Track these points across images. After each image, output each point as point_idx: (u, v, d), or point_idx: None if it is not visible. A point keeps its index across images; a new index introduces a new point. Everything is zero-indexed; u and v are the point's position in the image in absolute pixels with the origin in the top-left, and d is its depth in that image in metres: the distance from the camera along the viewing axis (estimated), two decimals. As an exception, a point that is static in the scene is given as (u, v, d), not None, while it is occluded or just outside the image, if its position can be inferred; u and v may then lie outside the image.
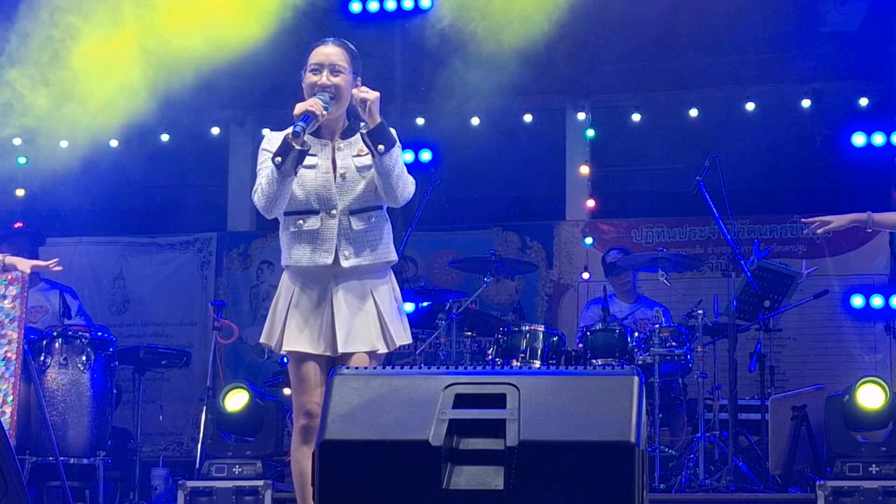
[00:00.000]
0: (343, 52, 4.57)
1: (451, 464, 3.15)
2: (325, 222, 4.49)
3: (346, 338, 4.45)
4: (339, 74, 4.52)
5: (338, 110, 4.55)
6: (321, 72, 4.52)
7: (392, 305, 4.56)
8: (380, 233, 4.54)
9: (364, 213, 4.50)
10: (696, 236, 9.90)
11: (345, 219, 4.49)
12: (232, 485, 6.94)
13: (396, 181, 4.44)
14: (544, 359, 7.39)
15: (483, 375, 3.37)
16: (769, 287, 7.74)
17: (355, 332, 4.46)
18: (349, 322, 4.46)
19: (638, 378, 3.23)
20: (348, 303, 4.48)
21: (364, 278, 4.50)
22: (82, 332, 7.48)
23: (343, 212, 4.49)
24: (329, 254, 4.47)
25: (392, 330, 4.50)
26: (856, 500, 6.48)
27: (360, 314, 4.48)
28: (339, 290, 4.49)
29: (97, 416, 7.40)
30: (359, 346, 4.46)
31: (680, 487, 7.08)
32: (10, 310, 6.54)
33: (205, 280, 10.52)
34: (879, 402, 6.75)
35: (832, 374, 9.07)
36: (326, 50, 4.57)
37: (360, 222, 4.50)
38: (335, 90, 4.50)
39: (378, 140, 4.40)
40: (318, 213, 4.50)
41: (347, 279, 4.49)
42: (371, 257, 4.49)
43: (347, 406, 3.25)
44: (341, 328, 4.45)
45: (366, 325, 4.48)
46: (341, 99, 4.52)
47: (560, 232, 10.18)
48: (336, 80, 4.51)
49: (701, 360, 7.44)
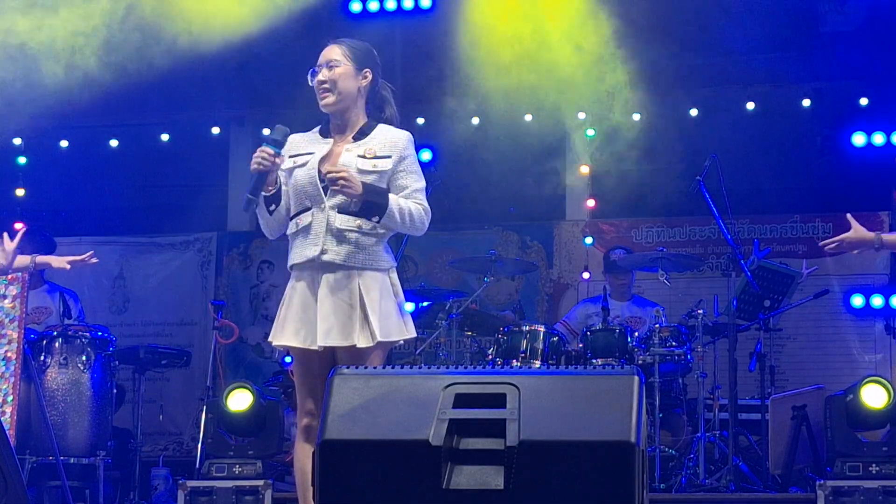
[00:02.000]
0: (340, 48, 4.62)
1: (452, 463, 3.15)
2: (316, 216, 4.52)
3: (326, 331, 4.46)
4: (335, 68, 4.57)
5: (339, 103, 4.58)
6: (319, 71, 4.60)
7: (383, 301, 4.51)
8: (366, 238, 4.51)
9: (351, 216, 4.50)
10: (696, 236, 9.89)
11: (333, 214, 4.50)
12: (232, 484, 6.93)
13: (404, 226, 4.53)
14: (544, 359, 7.39)
15: (483, 375, 3.37)
16: (769, 287, 7.74)
17: (335, 325, 4.46)
18: (331, 316, 4.47)
19: (638, 378, 3.23)
20: (333, 297, 4.48)
21: (353, 274, 4.50)
22: (82, 331, 7.48)
23: (332, 207, 4.51)
24: (316, 247, 4.49)
25: (377, 325, 4.45)
26: (856, 500, 6.47)
27: (343, 308, 4.47)
28: (327, 284, 4.50)
29: (97, 416, 7.40)
30: (337, 339, 4.45)
31: (680, 487, 7.08)
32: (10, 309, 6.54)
33: (205, 280, 10.52)
34: (883, 402, 6.75)
35: (832, 374, 9.06)
36: (325, 51, 4.65)
37: (347, 222, 4.50)
38: (331, 84, 4.56)
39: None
40: (311, 209, 4.54)
41: (335, 274, 4.50)
42: (351, 258, 4.49)
43: (347, 406, 3.25)
44: (323, 321, 4.46)
45: (348, 319, 4.46)
46: (338, 92, 4.56)
47: (560, 232, 10.18)
48: (331, 74, 4.57)
49: (701, 360, 7.44)
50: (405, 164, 4.55)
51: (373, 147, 4.54)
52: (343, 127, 4.62)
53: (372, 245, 4.53)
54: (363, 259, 4.50)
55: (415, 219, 4.50)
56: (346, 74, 4.56)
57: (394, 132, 4.61)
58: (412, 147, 4.61)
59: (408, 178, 4.54)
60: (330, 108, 4.59)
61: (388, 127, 4.64)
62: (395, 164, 4.53)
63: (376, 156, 4.52)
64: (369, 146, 4.54)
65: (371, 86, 4.64)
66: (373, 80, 4.64)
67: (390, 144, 4.56)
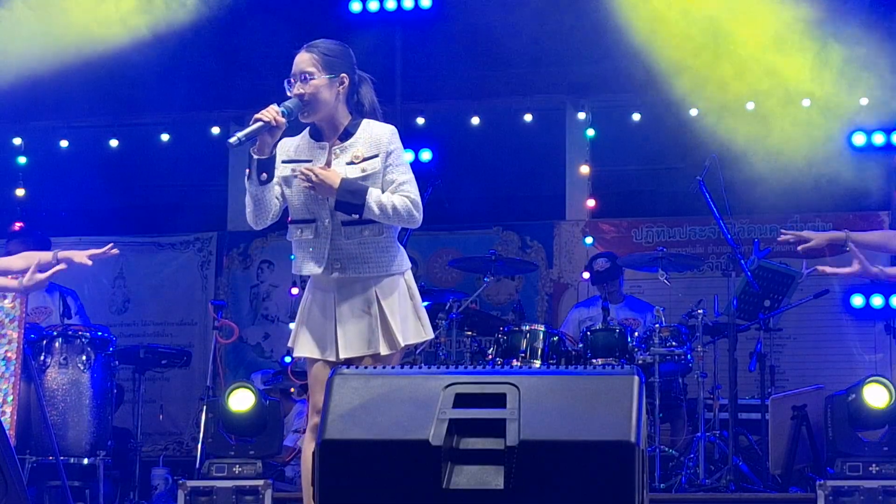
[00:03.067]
0: (311, 57, 4.51)
1: (452, 463, 3.15)
2: (319, 231, 4.50)
3: (346, 344, 4.47)
4: (309, 81, 4.48)
5: (317, 114, 4.52)
6: (294, 83, 4.51)
7: (401, 306, 4.51)
8: (375, 248, 4.49)
9: (355, 227, 4.47)
10: (696, 236, 9.89)
11: (338, 230, 4.47)
12: (232, 484, 6.93)
13: (390, 220, 4.46)
14: (544, 358, 7.39)
15: (483, 375, 3.37)
16: (769, 286, 7.74)
17: (355, 336, 4.47)
18: (350, 328, 4.47)
19: (638, 378, 3.23)
20: (350, 309, 4.48)
21: (368, 282, 4.49)
22: (82, 331, 7.48)
23: (337, 223, 4.48)
24: (319, 265, 4.48)
25: (398, 331, 4.46)
26: (856, 500, 6.47)
27: (361, 319, 4.47)
28: (341, 296, 4.49)
29: (97, 416, 7.40)
30: (358, 350, 4.46)
31: (680, 487, 7.08)
32: (10, 309, 6.55)
33: (205, 280, 10.52)
34: (884, 402, 6.74)
35: (832, 374, 9.05)
36: (297, 59, 4.55)
37: (351, 236, 4.47)
38: (307, 98, 4.48)
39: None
40: (314, 222, 4.51)
41: (349, 286, 4.49)
42: (362, 270, 4.47)
43: (347, 406, 3.25)
44: (342, 335, 4.48)
45: (368, 329, 4.47)
46: (316, 104, 4.49)
47: (560, 231, 10.17)
48: (305, 88, 4.48)
49: (701, 360, 7.43)
50: (391, 158, 4.51)
51: (358, 151, 4.49)
52: (329, 129, 4.58)
53: (381, 250, 4.50)
54: (375, 267, 4.48)
55: (400, 211, 4.44)
56: (321, 86, 4.48)
57: (376, 128, 4.55)
58: (397, 140, 4.55)
59: (394, 172, 4.50)
60: (310, 120, 4.56)
61: (372, 123, 4.58)
62: (382, 162, 4.50)
63: (364, 158, 4.49)
64: (355, 150, 4.50)
65: (349, 87, 4.58)
66: (350, 82, 4.58)
67: (374, 142, 4.51)
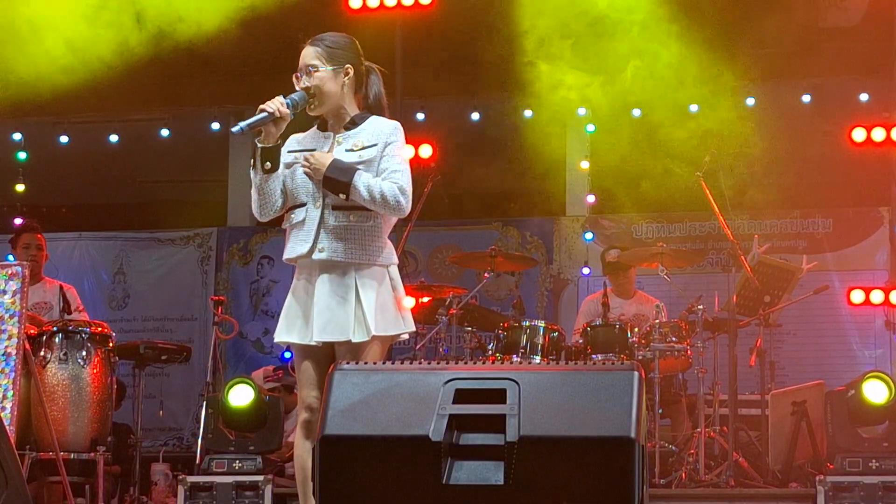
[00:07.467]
0: (315, 50, 4.58)
1: (452, 459, 3.15)
2: (309, 214, 4.53)
3: (322, 326, 4.47)
4: (314, 73, 4.55)
5: (324, 106, 4.57)
6: (301, 77, 4.58)
7: (381, 296, 4.52)
8: (361, 234, 4.52)
9: (345, 211, 4.51)
10: (697, 231, 9.89)
11: (327, 212, 4.51)
12: (232, 480, 6.94)
13: (376, 205, 4.48)
14: (544, 354, 7.39)
15: (483, 371, 3.37)
16: (769, 282, 7.74)
17: (330, 321, 4.46)
18: (327, 311, 4.47)
19: (638, 373, 3.23)
20: (329, 293, 4.49)
21: (349, 269, 4.50)
22: (82, 327, 7.48)
23: (327, 205, 4.52)
24: (306, 244, 4.50)
25: (373, 319, 4.46)
26: (855, 495, 6.47)
27: (339, 303, 4.47)
28: (322, 280, 4.51)
29: (97, 412, 7.40)
30: (333, 334, 4.46)
31: (680, 482, 7.08)
32: (10, 305, 6.53)
33: (205, 275, 10.53)
34: (884, 397, 6.74)
35: (832, 370, 9.07)
36: (302, 53, 4.62)
37: (340, 218, 4.50)
38: (312, 90, 4.54)
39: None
40: (306, 205, 4.55)
41: (330, 271, 4.51)
42: (346, 255, 4.49)
43: (347, 401, 3.26)
44: (318, 317, 4.47)
45: (343, 315, 4.46)
46: (322, 96, 4.55)
47: (560, 227, 10.18)
48: (310, 81, 4.55)
49: (701, 356, 7.44)
50: (389, 148, 4.56)
51: (360, 140, 4.56)
52: (335, 120, 4.64)
53: (368, 240, 4.53)
54: (359, 254, 4.51)
55: (387, 196, 4.46)
56: (326, 78, 4.55)
57: (382, 123, 4.62)
58: (399, 135, 4.60)
59: (389, 161, 4.54)
60: (317, 113, 4.60)
61: (380, 118, 4.64)
62: (380, 151, 4.54)
63: (363, 147, 4.53)
64: (357, 140, 4.56)
65: (355, 78, 4.63)
66: (355, 73, 4.63)
67: (377, 133, 4.58)
